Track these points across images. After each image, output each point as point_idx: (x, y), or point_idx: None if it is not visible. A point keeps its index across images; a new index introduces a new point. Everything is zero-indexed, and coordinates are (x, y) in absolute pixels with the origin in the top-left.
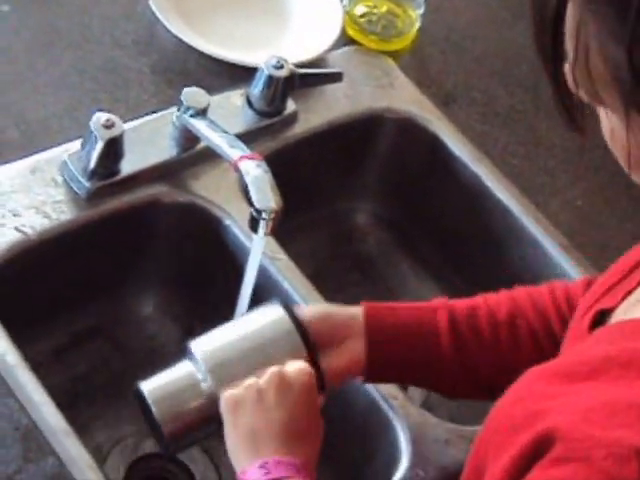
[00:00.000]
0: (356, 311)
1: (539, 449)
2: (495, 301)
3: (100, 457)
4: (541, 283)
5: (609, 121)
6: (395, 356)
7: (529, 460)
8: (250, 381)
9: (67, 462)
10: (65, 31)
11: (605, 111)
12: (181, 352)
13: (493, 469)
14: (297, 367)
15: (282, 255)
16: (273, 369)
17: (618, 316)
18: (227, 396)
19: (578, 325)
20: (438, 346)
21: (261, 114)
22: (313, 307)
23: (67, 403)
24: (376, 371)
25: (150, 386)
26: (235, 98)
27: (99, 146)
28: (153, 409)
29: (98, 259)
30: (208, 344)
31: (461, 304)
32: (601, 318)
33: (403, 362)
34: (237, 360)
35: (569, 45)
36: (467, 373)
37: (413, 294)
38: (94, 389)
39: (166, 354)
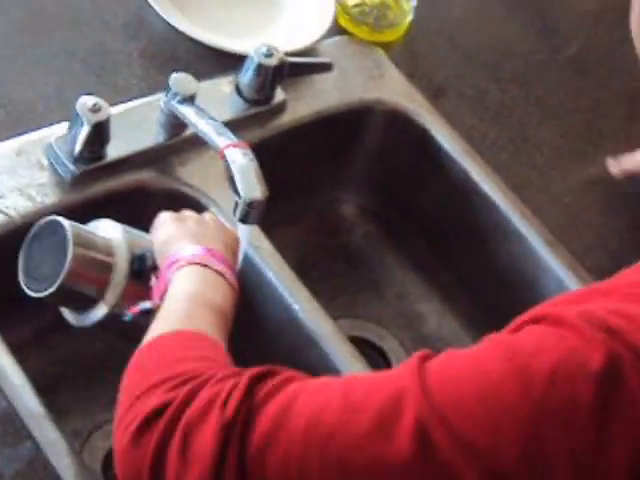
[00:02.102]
0: None
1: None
2: None
3: (79, 442)
4: (526, 278)
5: None
6: None
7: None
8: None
9: (44, 447)
10: (55, 13)
11: None
12: None
13: None
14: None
15: (266, 244)
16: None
17: None
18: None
19: None
20: None
21: (250, 102)
22: None
23: (47, 387)
24: None
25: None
26: (224, 85)
27: (85, 130)
28: (70, 243)
29: None
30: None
31: None
32: None
33: None
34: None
35: None
36: None
37: (398, 287)
38: (75, 373)
39: None
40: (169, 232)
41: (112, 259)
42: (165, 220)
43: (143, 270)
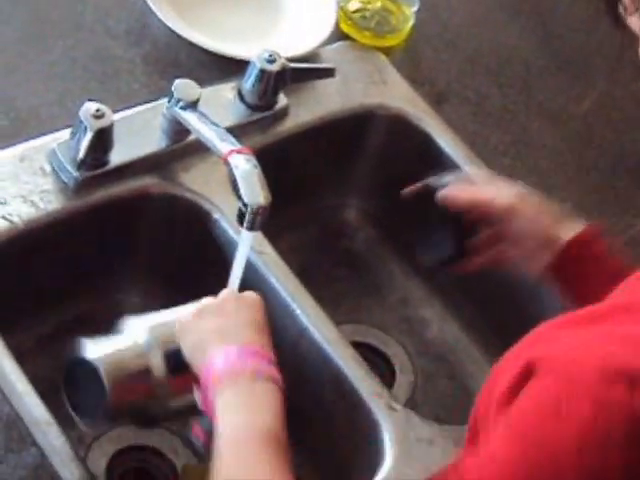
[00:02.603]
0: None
1: (524, 377)
2: None
3: (82, 448)
4: (528, 283)
5: None
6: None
7: (517, 389)
8: (204, 300)
9: (49, 453)
10: (57, 20)
11: None
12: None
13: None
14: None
15: (269, 250)
16: (226, 290)
17: None
18: (187, 311)
19: None
20: None
21: (252, 108)
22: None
23: (51, 393)
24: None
25: (94, 353)
26: (226, 91)
27: (88, 136)
28: (102, 372)
29: (85, 250)
30: (142, 318)
31: None
32: None
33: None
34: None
35: None
36: None
37: (400, 291)
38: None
39: None
40: (195, 336)
41: (147, 363)
42: (186, 324)
43: (180, 363)
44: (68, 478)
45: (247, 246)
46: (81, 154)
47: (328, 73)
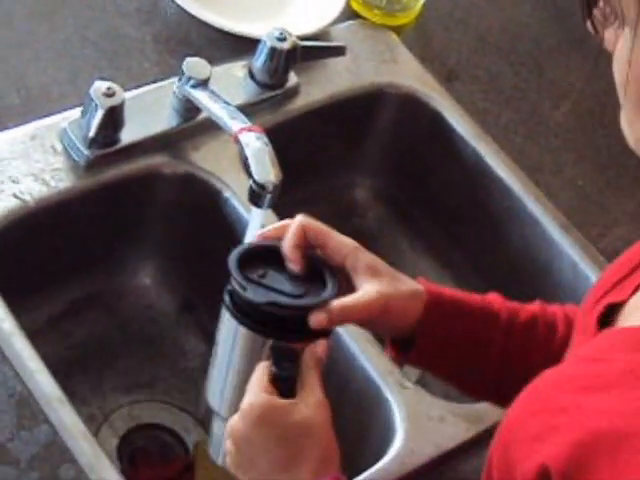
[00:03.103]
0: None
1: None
2: (552, 313)
3: (94, 426)
4: (540, 262)
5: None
6: (442, 348)
7: None
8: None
9: (60, 430)
10: None
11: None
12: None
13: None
14: (244, 407)
15: None
16: (230, 428)
17: (629, 312)
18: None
19: (586, 319)
20: (488, 355)
21: (263, 86)
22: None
23: (62, 371)
24: (416, 353)
25: None
26: (237, 69)
27: (99, 114)
28: None
29: (96, 228)
30: (219, 395)
31: (523, 314)
32: (609, 312)
33: (447, 354)
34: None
35: None
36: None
37: (411, 270)
38: (90, 358)
39: (162, 325)
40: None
41: None
42: (240, 461)
43: None
44: (79, 455)
45: (258, 224)
46: (92, 133)
47: (339, 51)
